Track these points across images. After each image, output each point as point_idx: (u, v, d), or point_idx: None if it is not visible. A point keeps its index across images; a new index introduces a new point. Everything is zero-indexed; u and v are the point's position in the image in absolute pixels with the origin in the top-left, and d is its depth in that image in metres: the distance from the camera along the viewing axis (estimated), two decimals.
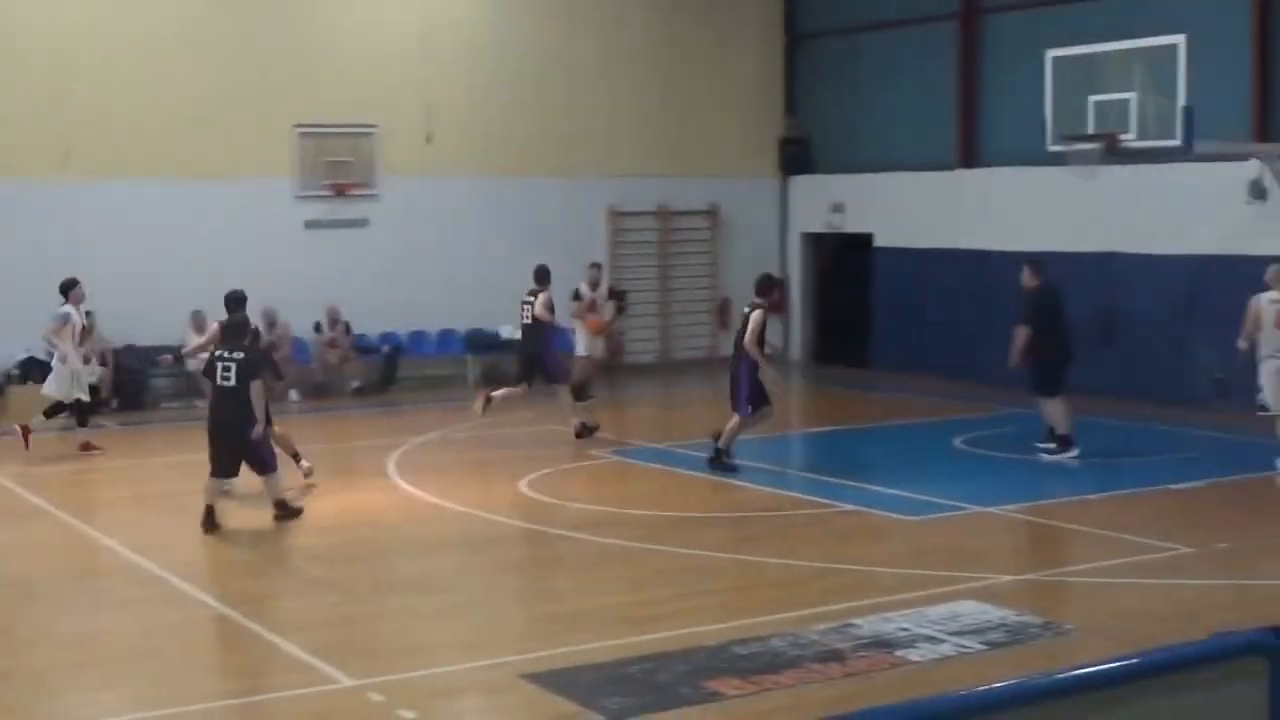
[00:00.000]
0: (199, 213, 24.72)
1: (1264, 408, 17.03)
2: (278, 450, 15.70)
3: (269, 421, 15.35)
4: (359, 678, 9.98)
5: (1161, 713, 3.94)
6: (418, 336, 26.55)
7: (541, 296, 19.80)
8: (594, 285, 22.45)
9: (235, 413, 14.68)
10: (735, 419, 17.58)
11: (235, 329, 15.37)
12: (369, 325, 25.98)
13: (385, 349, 26.12)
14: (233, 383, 14.75)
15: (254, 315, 17.97)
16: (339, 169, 25.94)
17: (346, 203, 26.07)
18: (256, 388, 14.75)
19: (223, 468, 14.89)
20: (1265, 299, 16.90)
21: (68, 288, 19.53)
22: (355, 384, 25.13)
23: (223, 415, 14.82)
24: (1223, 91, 21.69)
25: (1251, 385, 17.25)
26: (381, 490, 17.01)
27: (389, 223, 26.32)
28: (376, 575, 13.25)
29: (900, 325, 26.75)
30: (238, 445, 14.78)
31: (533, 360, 20.06)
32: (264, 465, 15.03)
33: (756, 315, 17.27)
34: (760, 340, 17.27)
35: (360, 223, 26.21)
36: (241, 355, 14.90)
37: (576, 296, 22.03)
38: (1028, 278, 18.42)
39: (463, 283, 26.08)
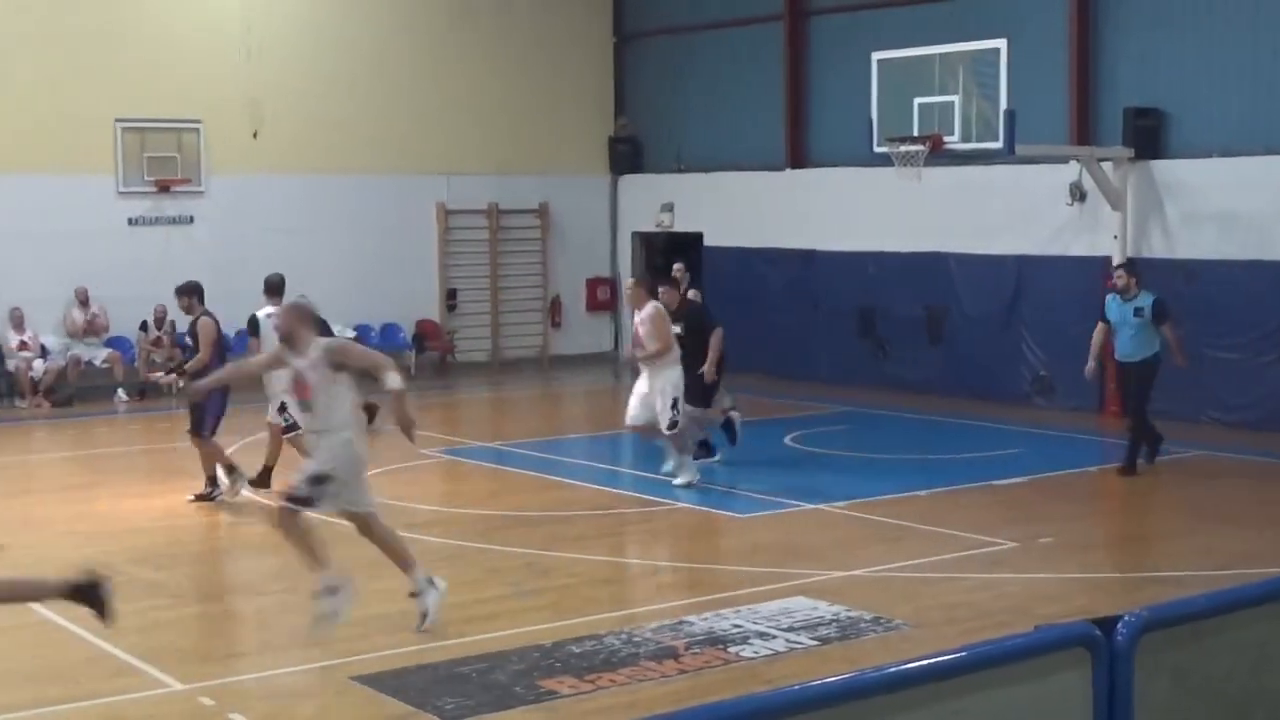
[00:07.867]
0: (17, 209, 24.10)
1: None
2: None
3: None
4: (189, 682, 9.85)
5: (990, 705, 4.03)
6: (244, 336, 26.10)
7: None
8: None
9: None
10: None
11: None
12: None
13: None
14: None
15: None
16: (163, 165, 25.46)
17: (171, 199, 25.65)
18: None
19: None
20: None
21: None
22: (182, 384, 24.65)
23: None
24: (1043, 95, 22.15)
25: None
26: None
27: (216, 220, 25.90)
28: (205, 577, 13.07)
29: (729, 323, 26.93)
30: None
31: None
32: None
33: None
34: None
35: (186, 220, 25.81)
36: None
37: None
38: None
39: (291, 281, 25.77)
